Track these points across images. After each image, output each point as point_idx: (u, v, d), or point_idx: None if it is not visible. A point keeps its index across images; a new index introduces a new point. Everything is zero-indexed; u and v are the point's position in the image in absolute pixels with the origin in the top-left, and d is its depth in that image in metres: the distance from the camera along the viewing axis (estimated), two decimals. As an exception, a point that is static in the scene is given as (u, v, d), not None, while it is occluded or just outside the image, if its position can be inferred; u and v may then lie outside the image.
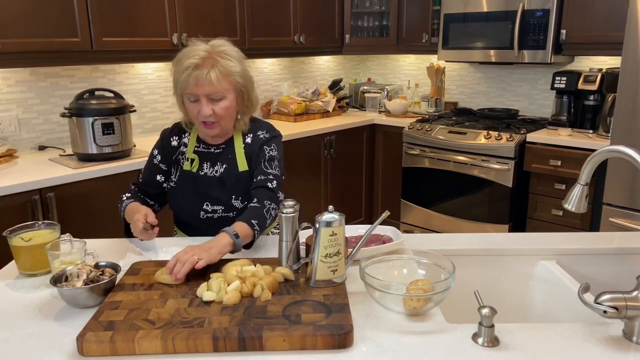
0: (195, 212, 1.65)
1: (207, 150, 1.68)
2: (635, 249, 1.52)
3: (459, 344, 1.03)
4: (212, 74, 1.49)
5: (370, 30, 4.19)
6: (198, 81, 1.49)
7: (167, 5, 2.91)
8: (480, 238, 1.59)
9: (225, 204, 1.64)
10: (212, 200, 1.64)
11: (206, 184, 1.64)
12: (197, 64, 1.49)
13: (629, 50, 2.61)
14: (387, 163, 3.95)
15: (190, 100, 1.55)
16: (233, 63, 1.55)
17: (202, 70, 1.49)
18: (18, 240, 1.35)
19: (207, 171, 1.66)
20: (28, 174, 2.36)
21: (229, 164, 1.65)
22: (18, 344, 1.04)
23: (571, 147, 3.02)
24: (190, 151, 1.68)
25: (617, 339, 1.04)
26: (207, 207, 1.64)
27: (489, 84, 4.00)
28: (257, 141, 1.67)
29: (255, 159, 1.65)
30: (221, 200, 1.64)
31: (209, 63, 1.50)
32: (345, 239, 1.27)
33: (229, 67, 1.53)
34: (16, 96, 2.78)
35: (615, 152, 1.20)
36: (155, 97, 3.35)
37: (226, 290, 1.14)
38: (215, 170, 1.66)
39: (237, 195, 1.63)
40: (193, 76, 1.49)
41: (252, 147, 1.66)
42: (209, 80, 1.49)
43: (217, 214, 1.65)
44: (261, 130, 1.69)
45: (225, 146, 1.67)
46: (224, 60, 1.53)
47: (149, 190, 1.72)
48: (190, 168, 1.66)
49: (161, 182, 1.71)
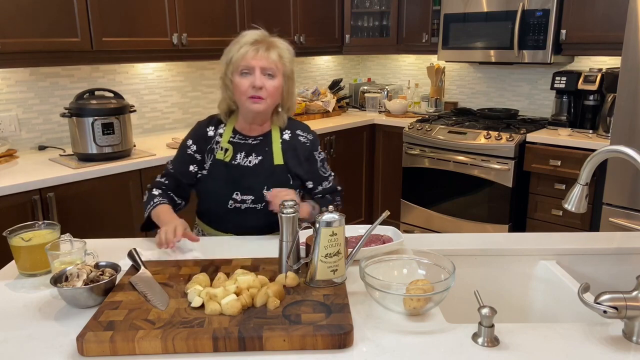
0: (224, 201, 1.67)
1: (244, 141, 1.71)
2: (635, 249, 1.52)
3: (459, 344, 1.03)
4: (269, 51, 1.61)
5: (370, 30, 4.19)
6: (256, 54, 1.59)
7: (167, 5, 2.91)
8: (480, 238, 1.59)
9: (255, 194, 1.66)
10: (243, 190, 1.66)
11: (238, 173, 1.68)
12: (256, 40, 1.62)
13: (628, 50, 2.61)
14: (387, 163, 3.95)
15: (243, 73, 1.61)
16: (286, 50, 1.67)
17: (260, 45, 1.61)
18: (18, 240, 1.35)
19: (240, 161, 1.69)
20: (28, 174, 2.36)
21: (265, 156, 1.70)
22: (18, 344, 1.04)
23: (571, 147, 3.03)
24: (225, 141, 1.71)
25: (617, 339, 1.04)
26: (237, 197, 1.66)
27: (489, 84, 4.00)
28: (297, 142, 1.73)
29: (303, 163, 1.73)
30: (252, 189, 1.66)
31: (266, 42, 1.63)
32: (345, 239, 1.27)
33: (283, 52, 1.65)
34: (16, 96, 2.78)
35: (615, 152, 1.20)
36: (155, 97, 3.35)
37: (219, 302, 1.09)
38: (249, 160, 1.69)
39: (269, 187, 1.65)
40: (252, 49, 1.60)
41: (291, 145, 1.72)
42: (266, 55, 1.60)
43: (245, 204, 1.67)
44: (300, 129, 1.76)
45: (262, 138, 1.72)
46: (279, 45, 1.65)
47: (182, 180, 1.72)
48: (223, 157, 1.69)
49: (194, 172, 1.72)
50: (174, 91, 3.45)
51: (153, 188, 1.72)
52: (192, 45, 3.05)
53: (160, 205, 1.63)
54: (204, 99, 3.63)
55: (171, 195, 1.72)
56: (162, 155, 2.70)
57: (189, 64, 3.47)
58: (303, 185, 1.76)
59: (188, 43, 3.02)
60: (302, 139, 1.75)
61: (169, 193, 1.71)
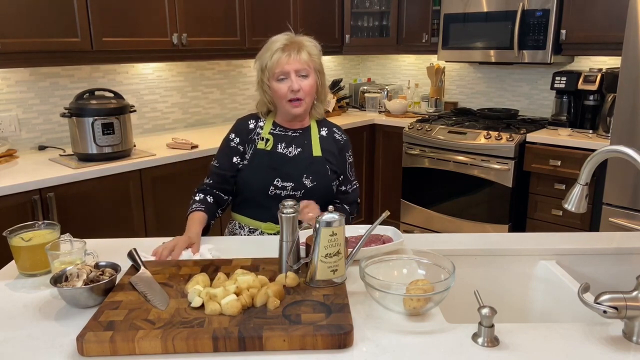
0: (265, 188, 1.73)
1: (284, 133, 1.80)
2: (635, 249, 1.52)
3: (459, 344, 1.03)
4: (300, 53, 1.69)
5: (370, 30, 4.19)
6: (289, 59, 1.68)
7: (167, 5, 2.91)
8: (480, 238, 1.59)
9: (295, 181, 1.73)
10: (284, 176, 1.73)
11: (280, 160, 1.75)
12: (286, 45, 1.69)
13: (629, 50, 2.61)
14: (387, 163, 3.95)
15: (280, 78, 1.69)
16: (314, 47, 1.75)
17: (291, 49, 1.69)
18: (18, 240, 1.35)
19: (281, 150, 1.77)
20: (28, 174, 2.36)
21: (304, 148, 1.78)
22: (18, 344, 1.04)
23: (571, 147, 3.03)
24: (265, 132, 1.79)
25: (617, 339, 1.04)
26: (277, 183, 1.73)
27: (489, 84, 4.00)
28: (333, 138, 1.84)
29: (337, 160, 1.82)
30: (292, 176, 1.73)
31: (295, 45, 1.70)
32: (345, 239, 1.27)
33: (311, 50, 1.73)
34: (16, 96, 2.78)
35: (615, 152, 1.20)
36: (155, 97, 3.35)
37: (219, 302, 1.10)
38: (289, 151, 1.77)
39: (308, 175, 1.74)
40: (285, 55, 1.68)
41: (327, 141, 1.82)
42: (298, 58, 1.68)
43: (285, 190, 1.73)
44: (336, 128, 1.88)
45: (302, 132, 1.81)
46: (307, 43, 1.73)
47: (227, 174, 1.78)
48: (264, 147, 1.77)
49: (237, 164, 1.79)
50: (174, 91, 3.45)
51: (197, 192, 1.78)
52: (192, 45, 3.05)
53: (195, 212, 1.69)
54: (204, 99, 3.63)
55: (217, 193, 1.78)
56: (162, 155, 2.71)
57: (189, 64, 3.47)
58: (338, 178, 1.84)
59: (188, 43, 3.02)
60: (337, 136, 1.86)
61: (215, 192, 1.78)
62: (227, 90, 3.75)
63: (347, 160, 1.88)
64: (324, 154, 1.79)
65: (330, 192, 1.80)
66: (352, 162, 1.90)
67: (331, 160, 1.80)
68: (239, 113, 3.73)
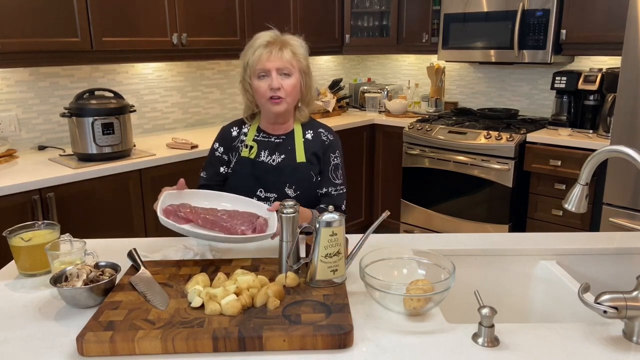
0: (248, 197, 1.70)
1: (267, 139, 1.76)
2: (635, 249, 1.52)
3: (459, 344, 1.03)
4: (282, 51, 1.65)
5: (370, 30, 4.19)
6: (270, 56, 1.63)
7: (167, 5, 2.91)
8: (480, 238, 1.59)
9: (278, 192, 1.71)
10: (267, 187, 1.72)
11: (262, 170, 1.73)
12: (269, 42, 1.65)
13: (629, 50, 2.61)
14: (387, 163, 3.95)
15: (261, 76, 1.65)
16: (300, 46, 1.70)
17: (273, 47, 1.64)
18: (18, 240, 1.35)
19: (264, 159, 1.74)
20: (28, 174, 2.36)
21: (288, 154, 1.74)
22: (18, 344, 1.04)
23: (571, 147, 3.02)
24: (249, 139, 1.77)
25: (617, 339, 1.04)
26: (261, 194, 1.72)
27: (489, 84, 4.00)
28: (319, 140, 1.77)
29: (321, 162, 1.76)
30: (275, 187, 1.71)
31: (279, 42, 1.66)
32: (345, 239, 1.27)
33: (296, 49, 1.68)
34: (16, 96, 2.78)
35: (615, 152, 1.20)
36: (155, 97, 3.35)
37: (219, 302, 1.10)
38: (272, 159, 1.74)
39: (291, 184, 1.71)
40: (266, 51, 1.63)
41: (313, 143, 1.76)
42: (280, 55, 1.64)
43: (268, 201, 1.70)
44: (322, 128, 1.81)
45: (285, 137, 1.76)
46: (292, 42, 1.69)
47: (214, 185, 1.77)
48: (248, 155, 1.75)
49: (224, 173, 1.79)
50: (174, 91, 3.45)
51: None
52: (192, 45, 3.05)
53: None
54: (204, 99, 3.63)
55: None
56: (162, 155, 2.70)
57: (188, 64, 3.47)
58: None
59: (188, 43, 3.02)
60: (323, 137, 1.79)
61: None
62: (227, 90, 3.75)
63: (332, 161, 1.78)
64: (308, 158, 1.74)
65: (315, 198, 1.75)
66: (337, 164, 1.79)
67: (315, 163, 1.76)
68: (239, 113, 3.71)
